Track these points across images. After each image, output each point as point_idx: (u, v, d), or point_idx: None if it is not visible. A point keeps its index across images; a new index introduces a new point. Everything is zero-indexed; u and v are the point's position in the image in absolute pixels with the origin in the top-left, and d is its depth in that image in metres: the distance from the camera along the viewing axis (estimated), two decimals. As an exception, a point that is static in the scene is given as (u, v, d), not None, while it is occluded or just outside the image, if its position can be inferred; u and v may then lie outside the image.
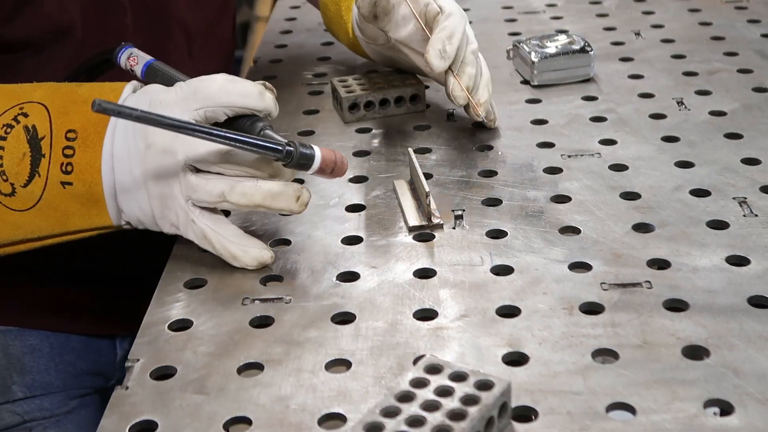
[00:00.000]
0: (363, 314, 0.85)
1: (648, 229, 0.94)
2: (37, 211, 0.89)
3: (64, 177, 0.88)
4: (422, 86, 1.22)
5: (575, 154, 1.10)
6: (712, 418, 0.71)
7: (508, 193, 1.02)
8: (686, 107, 1.20)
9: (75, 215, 0.89)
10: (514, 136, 1.15)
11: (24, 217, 0.89)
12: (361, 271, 0.91)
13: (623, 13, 1.52)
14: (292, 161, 0.84)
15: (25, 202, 0.88)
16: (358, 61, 1.36)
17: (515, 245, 0.93)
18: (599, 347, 0.79)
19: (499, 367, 0.78)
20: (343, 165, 0.87)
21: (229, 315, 0.86)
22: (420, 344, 0.81)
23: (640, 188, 1.01)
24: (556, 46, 1.27)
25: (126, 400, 0.77)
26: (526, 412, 0.73)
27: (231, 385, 0.78)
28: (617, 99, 1.23)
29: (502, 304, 0.85)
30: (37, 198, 0.88)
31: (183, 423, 0.74)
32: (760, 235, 0.92)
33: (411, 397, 0.69)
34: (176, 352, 0.82)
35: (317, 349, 0.81)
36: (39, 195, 0.88)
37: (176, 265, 0.94)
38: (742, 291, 0.85)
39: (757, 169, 1.04)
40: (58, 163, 0.87)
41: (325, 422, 0.74)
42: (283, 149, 0.84)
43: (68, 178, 0.88)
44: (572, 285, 0.87)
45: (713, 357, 0.77)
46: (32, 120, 0.88)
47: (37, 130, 0.88)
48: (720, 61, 1.32)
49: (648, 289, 0.86)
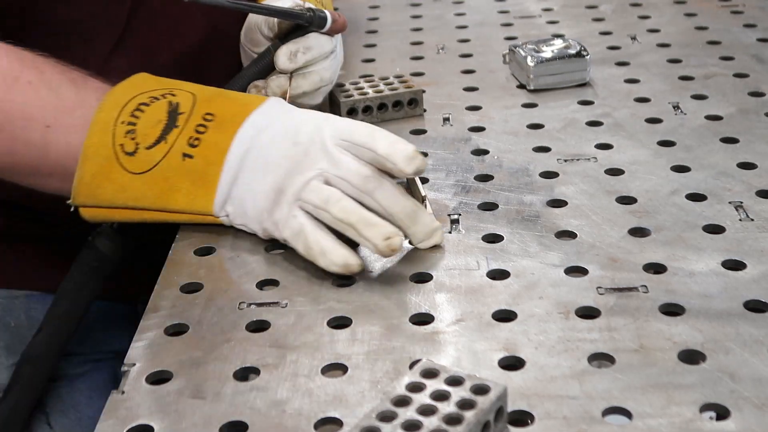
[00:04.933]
0: (359, 318, 0.85)
1: (644, 234, 0.95)
2: (148, 177, 0.92)
3: (188, 149, 0.91)
4: (420, 90, 1.22)
5: (571, 158, 1.10)
6: (708, 423, 0.71)
7: (504, 198, 1.02)
8: (682, 111, 1.20)
9: (181, 192, 0.92)
10: (510, 140, 1.15)
11: (133, 181, 0.92)
12: (358, 275, 0.91)
13: (619, 17, 1.52)
14: (315, 21, 1.07)
15: (141, 165, 0.92)
16: (356, 66, 1.37)
17: (511, 249, 0.93)
18: (595, 351, 0.79)
19: (496, 371, 0.78)
20: (343, 16, 1.10)
21: (225, 319, 0.86)
22: (416, 348, 0.81)
23: (636, 192, 1.01)
24: (552, 51, 1.27)
25: (122, 405, 0.77)
26: (522, 416, 0.73)
27: (227, 390, 0.78)
28: (613, 103, 1.23)
29: (498, 308, 0.85)
30: (155, 163, 0.91)
31: (179, 427, 0.74)
32: (756, 240, 0.92)
33: (407, 401, 0.69)
34: (172, 356, 0.82)
35: (313, 354, 0.81)
36: (157, 160, 0.91)
37: (172, 269, 0.94)
38: (739, 295, 0.85)
39: (753, 174, 1.04)
40: (187, 135, 0.91)
41: (321, 426, 0.74)
42: (306, 13, 1.07)
43: (191, 151, 0.91)
44: (568, 289, 0.87)
45: (709, 361, 0.77)
46: (178, 99, 0.94)
47: (179, 106, 0.93)
48: (716, 66, 1.33)
49: (644, 293, 0.86)
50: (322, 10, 1.10)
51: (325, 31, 1.10)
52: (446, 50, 1.44)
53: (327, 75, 1.13)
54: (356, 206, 0.89)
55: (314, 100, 1.15)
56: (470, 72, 1.36)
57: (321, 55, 1.11)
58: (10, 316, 1.19)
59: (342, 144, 0.90)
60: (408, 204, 0.90)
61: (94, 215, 0.96)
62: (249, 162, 0.92)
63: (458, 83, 1.32)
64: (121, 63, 1.14)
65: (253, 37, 1.16)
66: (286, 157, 0.91)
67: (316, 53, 1.11)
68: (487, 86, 1.30)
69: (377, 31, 1.53)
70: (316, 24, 1.09)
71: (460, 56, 1.41)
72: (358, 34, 1.51)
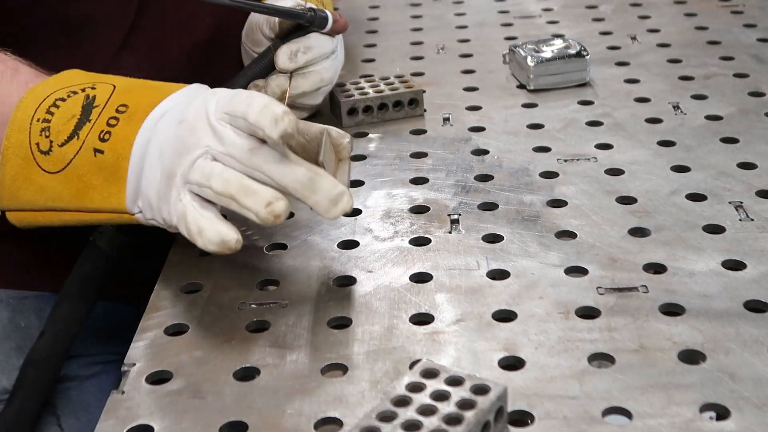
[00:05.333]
0: (359, 318, 0.85)
1: (644, 234, 0.95)
2: (63, 176, 0.88)
3: (99, 144, 0.87)
4: (420, 90, 1.22)
5: (571, 158, 1.10)
6: (708, 423, 0.71)
7: (504, 198, 1.02)
8: (682, 111, 1.20)
9: (95, 190, 0.88)
10: (510, 140, 1.15)
11: (50, 180, 0.89)
12: (358, 275, 0.91)
13: (619, 17, 1.52)
14: (316, 21, 1.08)
15: (56, 164, 0.88)
16: (356, 66, 1.37)
17: (511, 249, 0.93)
18: (595, 351, 0.79)
19: (496, 371, 0.78)
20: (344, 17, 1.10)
21: (225, 319, 0.86)
22: (416, 348, 0.81)
23: (636, 192, 1.01)
24: (552, 51, 1.27)
25: (122, 405, 0.77)
26: (522, 416, 0.73)
27: (227, 390, 0.78)
28: (613, 103, 1.23)
29: (498, 308, 0.85)
30: (68, 161, 0.88)
31: (179, 427, 0.74)
32: (756, 240, 0.92)
33: (407, 401, 0.69)
34: (172, 356, 0.82)
35: (313, 354, 0.81)
36: (70, 158, 0.88)
37: (172, 269, 0.94)
38: (738, 295, 0.85)
39: (753, 174, 1.04)
40: (98, 129, 0.87)
41: (321, 426, 0.74)
42: (307, 13, 1.07)
43: (102, 145, 0.87)
44: (568, 289, 0.87)
45: (709, 361, 0.77)
46: (96, 92, 0.90)
47: (94, 99, 0.89)
48: (716, 66, 1.33)
49: (644, 293, 0.86)
50: (323, 10, 1.10)
51: (326, 31, 1.10)
52: (446, 50, 1.44)
53: (327, 75, 1.13)
54: (238, 176, 0.82)
55: (314, 100, 1.15)
56: (470, 72, 1.36)
57: (321, 55, 1.11)
58: (21, 316, 1.19)
59: (224, 117, 0.84)
60: (301, 172, 0.82)
61: (20, 219, 0.93)
62: (150, 151, 0.86)
63: (458, 83, 1.32)
64: (129, 61, 1.14)
65: (254, 36, 1.16)
66: (175, 139, 0.85)
67: (317, 53, 1.11)
68: (487, 86, 1.30)
69: (377, 31, 1.53)
70: (317, 24, 1.09)
71: (460, 56, 1.41)
72: (358, 34, 1.51)
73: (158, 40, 1.16)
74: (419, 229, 0.98)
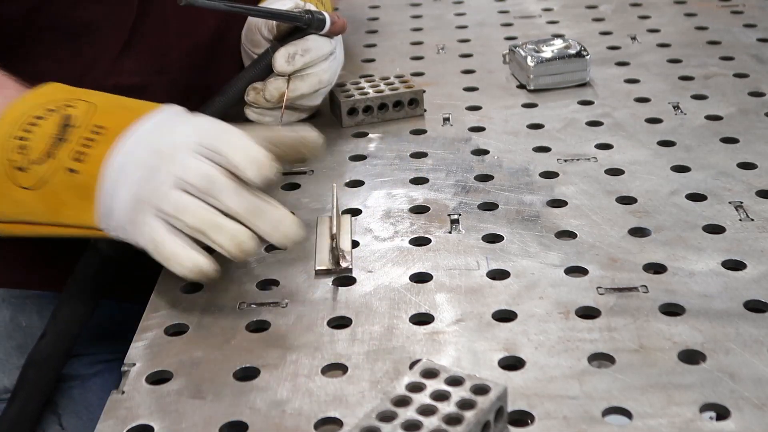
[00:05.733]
0: (359, 318, 0.85)
1: (644, 234, 0.95)
2: (39, 193, 0.90)
3: (73, 164, 0.89)
4: (420, 90, 1.22)
5: (571, 158, 1.10)
6: (708, 423, 0.71)
7: (504, 198, 1.02)
8: (682, 111, 1.20)
9: (68, 207, 0.90)
10: (510, 140, 1.15)
11: (26, 196, 0.90)
12: (357, 275, 0.91)
13: (619, 17, 1.52)
14: (313, 23, 1.08)
15: (32, 181, 0.90)
16: (356, 66, 1.37)
17: (511, 250, 0.93)
18: (595, 351, 0.79)
19: (495, 371, 0.78)
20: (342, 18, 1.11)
21: (225, 319, 0.86)
22: (416, 348, 0.81)
23: (636, 192, 1.02)
24: (552, 51, 1.27)
25: (122, 405, 0.77)
26: (522, 416, 0.73)
27: (227, 390, 0.78)
28: (613, 103, 1.23)
29: (498, 308, 0.85)
30: (43, 179, 0.89)
31: (179, 428, 0.74)
32: (756, 240, 0.92)
33: (407, 401, 0.69)
34: (172, 356, 0.82)
35: (313, 354, 0.81)
36: (46, 177, 0.89)
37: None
38: (738, 295, 0.85)
39: (753, 174, 1.04)
40: (74, 150, 0.89)
41: (321, 426, 0.74)
42: (304, 15, 1.07)
43: (76, 165, 0.89)
44: (568, 289, 0.87)
45: (709, 361, 0.77)
46: (75, 111, 0.91)
47: (72, 120, 0.90)
48: (716, 66, 1.33)
49: (644, 293, 0.86)
50: (321, 12, 1.10)
51: (324, 33, 1.10)
52: (446, 50, 1.44)
53: (326, 77, 1.13)
54: (211, 214, 0.85)
55: (313, 102, 1.14)
56: (470, 72, 1.36)
57: (320, 57, 1.11)
58: (22, 315, 1.19)
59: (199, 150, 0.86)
60: (250, 200, 0.85)
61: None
62: (122, 173, 0.88)
63: (458, 83, 1.32)
64: (130, 64, 1.14)
65: (253, 37, 1.16)
66: (145, 165, 0.88)
67: (315, 55, 1.10)
68: (487, 86, 1.30)
69: (377, 31, 1.53)
70: (314, 26, 1.09)
71: (460, 56, 1.41)
72: (358, 34, 1.51)
73: (159, 43, 1.16)
74: (419, 229, 0.98)
